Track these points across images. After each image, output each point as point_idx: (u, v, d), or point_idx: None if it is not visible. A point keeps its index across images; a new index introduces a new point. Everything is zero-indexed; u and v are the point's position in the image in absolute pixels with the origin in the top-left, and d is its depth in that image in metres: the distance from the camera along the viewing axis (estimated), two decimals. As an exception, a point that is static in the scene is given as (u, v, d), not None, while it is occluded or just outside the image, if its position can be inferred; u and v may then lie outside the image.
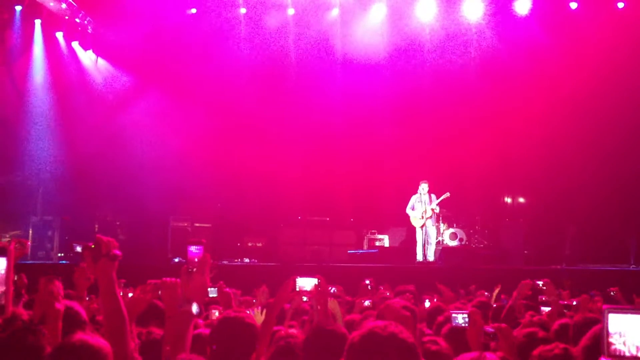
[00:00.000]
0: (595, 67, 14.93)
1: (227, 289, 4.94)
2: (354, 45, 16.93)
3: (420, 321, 5.12)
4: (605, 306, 2.03)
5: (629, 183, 14.76)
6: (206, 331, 3.54)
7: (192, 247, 2.68)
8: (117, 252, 2.75)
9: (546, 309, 5.72)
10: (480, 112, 15.98)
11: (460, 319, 3.80)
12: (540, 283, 5.63)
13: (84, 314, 3.32)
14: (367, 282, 7.99)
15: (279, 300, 3.74)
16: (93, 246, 2.71)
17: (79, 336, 2.51)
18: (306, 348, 2.95)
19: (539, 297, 6.16)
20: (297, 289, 4.18)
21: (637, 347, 1.76)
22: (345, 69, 16.87)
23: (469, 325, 3.69)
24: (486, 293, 8.35)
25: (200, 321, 4.39)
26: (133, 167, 15.41)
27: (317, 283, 3.87)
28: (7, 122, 15.67)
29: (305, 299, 5.97)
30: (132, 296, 3.26)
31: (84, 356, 2.43)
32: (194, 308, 2.55)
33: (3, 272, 2.02)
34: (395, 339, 2.02)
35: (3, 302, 2.02)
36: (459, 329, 3.80)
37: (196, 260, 2.63)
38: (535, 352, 3.17)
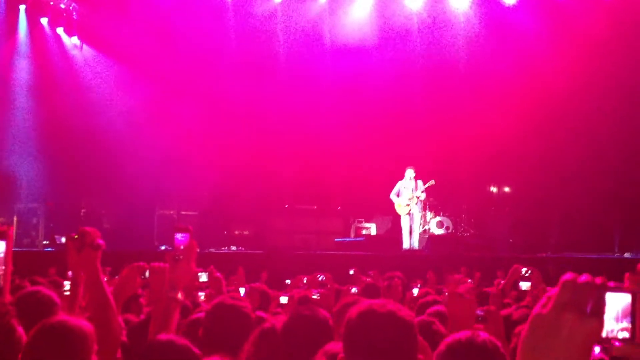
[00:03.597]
0: (584, 56, 14.97)
1: (218, 274, 4.93)
2: (342, 33, 16.89)
3: (410, 307, 5.15)
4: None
5: (614, 172, 14.86)
6: (202, 315, 3.53)
7: (178, 234, 2.66)
8: (101, 242, 2.74)
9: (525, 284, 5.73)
10: (468, 102, 16.00)
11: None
12: (524, 270, 5.62)
13: (55, 297, 3.29)
14: (352, 272, 8.03)
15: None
16: (76, 237, 2.70)
17: (59, 317, 2.51)
18: (286, 333, 2.94)
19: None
20: None
21: None
22: (334, 57, 16.83)
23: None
24: (469, 280, 8.41)
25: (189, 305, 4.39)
26: (119, 155, 15.30)
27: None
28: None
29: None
30: (119, 277, 3.25)
31: (65, 337, 2.43)
32: (180, 295, 2.55)
33: (2, 254, 2.03)
34: (394, 316, 2.00)
35: (2, 283, 2.03)
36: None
37: (182, 247, 2.62)
38: (517, 330, 3.17)
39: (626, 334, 1.09)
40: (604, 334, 1.09)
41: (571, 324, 1.05)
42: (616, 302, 1.10)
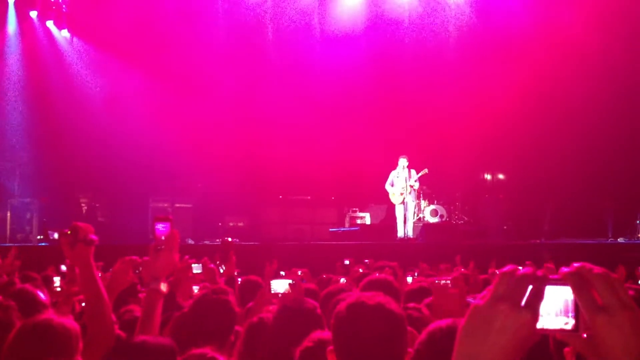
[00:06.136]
0: (575, 43, 14.96)
1: (212, 265, 4.91)
2: (333, 22, 16.84)
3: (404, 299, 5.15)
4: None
5: (606, 158, 14.89)
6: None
7: (159, 224, 2.62)
8: (94, 237, 2.72)
9: None
10: (460, 89, 15.99)
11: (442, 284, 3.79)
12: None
13: (39, 296, 3.29)
14: (347, 262, 7.97)
15: (258, 307, 3.74)
16: (69, 232, 2.68)
17: (44, 316, 2.50)
18: (275, 325, 2.94)
19: None
20: (273, 292, 4.17)
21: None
22: (325, 47, 16.78)
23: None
24: (462, 269, 8.37)
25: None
26: (112, 148, 15.25)
27: (291, 283, 3.83)
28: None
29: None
30: (112, 270, 3.23)
31: (46, 336, 2.41)
32: (162, 286, 2.51)
33: None
34: (383, 309, 2.00)
35: None
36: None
37: (163, 237, 2.58)
38: None
39: (570, 326, 1.08)
40: (551, 327, 1.09)
41: (505, 316, 1.05)
42: (561, 295, 1.09)
